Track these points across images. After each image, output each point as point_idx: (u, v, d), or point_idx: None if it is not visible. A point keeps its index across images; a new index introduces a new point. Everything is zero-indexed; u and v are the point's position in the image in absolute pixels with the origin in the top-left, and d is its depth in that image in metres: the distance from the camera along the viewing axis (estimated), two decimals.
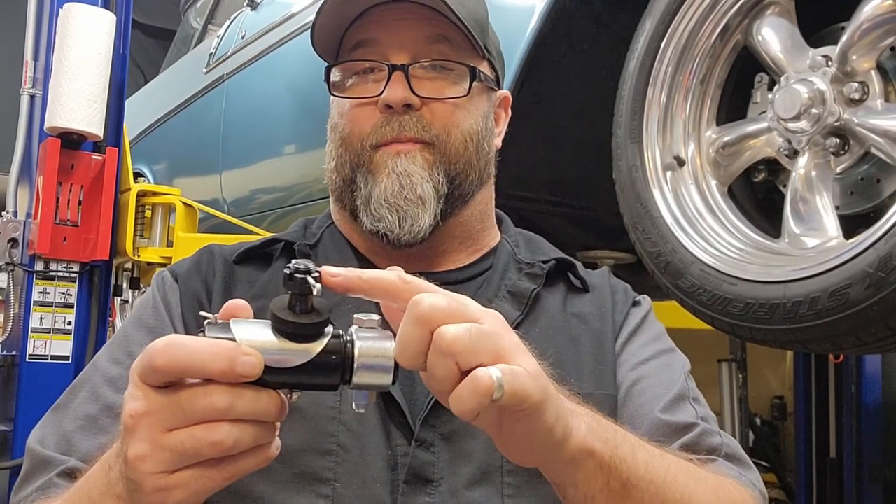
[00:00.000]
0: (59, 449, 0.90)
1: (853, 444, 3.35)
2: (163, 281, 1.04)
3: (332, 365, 0.62)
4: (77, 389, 0.96)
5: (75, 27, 2.35)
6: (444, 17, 0.99)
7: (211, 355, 0.59)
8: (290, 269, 0.61)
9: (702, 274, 1.48)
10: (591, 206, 2.33)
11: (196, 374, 0.59)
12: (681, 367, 1.04)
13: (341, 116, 1.04)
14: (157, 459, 0.60)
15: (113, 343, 1.00)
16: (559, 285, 1.07)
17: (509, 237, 1.12)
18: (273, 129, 3.02)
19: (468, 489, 0.90)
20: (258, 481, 0.87)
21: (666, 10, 1.62)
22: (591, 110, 2.01)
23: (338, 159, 1.04)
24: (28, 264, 2.41)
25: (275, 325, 0.61)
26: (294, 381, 0.62)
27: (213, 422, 0.59)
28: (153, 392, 0.60)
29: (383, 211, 0.98)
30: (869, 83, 1.38)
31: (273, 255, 1.06)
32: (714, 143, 1.62)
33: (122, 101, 2.62)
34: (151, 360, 0.60)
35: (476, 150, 1.03)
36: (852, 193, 1.44)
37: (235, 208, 3.22)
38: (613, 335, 1.04)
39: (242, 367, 0.58)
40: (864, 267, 1.22)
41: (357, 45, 1.03)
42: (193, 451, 0.59)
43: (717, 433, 0.97)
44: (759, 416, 4.06)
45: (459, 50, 1.02)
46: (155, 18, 5.98)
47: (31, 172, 2.51)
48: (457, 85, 1.02)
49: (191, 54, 4.06)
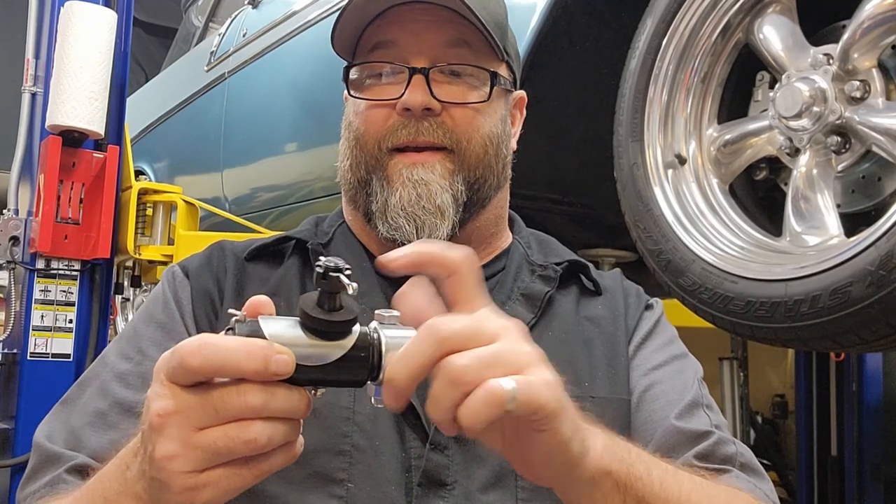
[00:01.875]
0: (67, 444, 0.89)
1: (854, 442, 3.35)
2: (173, 277, 1.02)
3: (360, 362, 0.61)
4: (85, 384, 0.95)
5: (76, 25, 2.35)
6: (465, 20, 0.98)
7: (245, 355, 0.58)
8: (322, 267, 0.60)
9: (703, 272, 1.48)
10: (592, 205, 2.33)
11: (230, 374, 0.58)
12: (693, 372, 1.03)
13: (356, 115, 1.02)
14: (187, 458, 0.59)
15: (122, 338, 0.99)
16: (572, 287, 1.06)
17: (521, 238, 1.11)
18: (274, 127, 3.02)
19: (482, 493, 0.89)
20: (272, 482, 0.84)
21: (667, 9, 1.62)
22: (592, 108, 2.01)
23: (352, 159, 1.02)
24: (29, 262, 2.41)
25: (305, 322, 0.61)
26: (323, 377, 0.61)
27: (246, 420, 0.59)
28: (182, 391, 0.60)
29: (401, 220, 0.97)
30: (870, 81, 1.38)
31: (285, 253, 1.05)
32: (715, 142, 1.62)
33: (124, 99, 2.62)
34: (183, 360, 0.59)
35: (495, 155, 1.02)
36: (853, 192, 1.44)
37: (237, 206, 3.22)
38: (626, 339, 1.03)
39: (276, 366, 0.58)
40: (865, 265, 1.22)
41: (376, 46, 1.01)
42: (227, 449, 0.59)
43: (731, 442, 0.95)
44: (761, 415, 4.07)
45: (479, 53, 1.01)
46: (156, 16, 5.99)
47: (32, 170, 2.52)
48: (477, 90, 1.01)
49: (192, 52, 4.06)
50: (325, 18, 2.72)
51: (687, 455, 0.91)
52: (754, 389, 3.79)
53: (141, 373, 0.93)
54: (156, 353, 0.91)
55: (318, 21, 2.76)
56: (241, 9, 3.51)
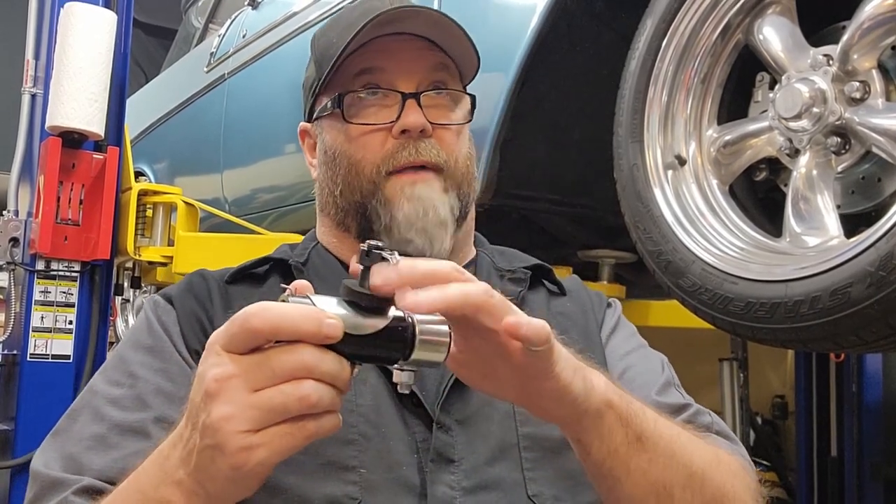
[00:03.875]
0: (67, 470, 0.89)
1: (854, 442, 3.35)
2: (155, 305, 1.05)
3: (399, 335, 0.67)
4: (76, 415, 0.96)
5: (76, 26, 2.35)
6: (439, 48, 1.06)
7: (302, 317, 0.64)
8: (367, 246, 0.67)
9: (703, 273, 1.48)
10: (591, 205, 2.32)
11: (287, 333, 0.64)
12: (659, 358, 1.13)
13: (349, 142, 1.06)
14: (244, 418, 0.63)
15: (107, 368, 1.00)
16: (540, 289, 1.14)
17: (485, 251, 1.18)
18: (274, 128, 3.02)
19: (489, 465, 0.95)
20: (287, 473, 0.89)
21: (667, 10, 1.62)
22: (591, 109, 2.01)
23: (344, 186, 1.07)
24: (29, 263, 2.41)
25: (348, 298, 0.67)
26: (363, 349, 0.67)
27: (299, 379, 0.64)
28: (236, 358, 0.65)
29: (411, 234, 1.02)
30: (870, 82, 1.38)
31: (263, 274, 1.09)
32: (715, 142, 1.62)
33: (123, 100, 2.62)
34: (246, 321, 0.64)
35: (471, 172, 1.10)
36: (853, 192, 1.44)
37: (236, 207, 3.22)
38: (598, 329, 1.12)
39: (328, 329, 0.64)
40: (865, 266, 1.21)
41: (362, 72, 1.06)
42: (282, 406, 0.64)
43: (707, 413, 1.05)
44: (760, 415, 4.06)
45: (455, 77, 1.09)
46: (156, 17, 5.98)
47: (32, 172, 2.52)
48: (459, 111, 1.09)
49: (192, 53, 4.06)
50: (325, 20, 2.72)
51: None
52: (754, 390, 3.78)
53: (135, 395, 0.94)
54: (148, 375, 0.95)
55: (317, 22, 2.76)
56: (241, 10, 3.51)
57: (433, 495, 0.92)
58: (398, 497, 0.92)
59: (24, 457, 2.32)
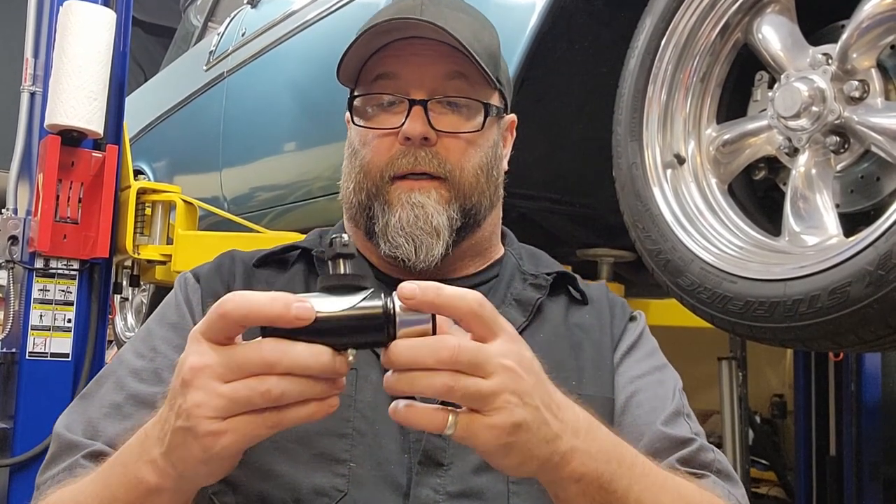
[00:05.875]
0: (85, 434, 0.96)
1: (853, 442, 3.34)
2: (185, 282, 1.10)
3: (375, 315, 0.69)
4: (102, 380, 1.03)
5: (75, 24, 2.35)
6: (461, 53, 1.04)
7: (270, 300, 0.67)
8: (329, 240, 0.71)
9: (702, 272, 1.48)
10: (591, 204, 2.33)
11: (257, 317, 0.67)
12: (673, 383, 1.10)
13: (364, 145, 1.08)
14: (212, 406, 0.68)
15: (137, 339, 1.07)
16: (561, 297, 1.13)
17: (513, 250, 1.18)
18: (273, 127, 3.02)
19: (475, 474, 0.96)
20: (280, 461, 0.94)
21: (666, 8, 1.62)
22: (591, 108, 2.01)
23: (356, 184, 1.09)
24: (28, 262, 2.41)
25: (322, 285, 0.71)
26: (344, 335, 0.69)
27: (264, 374, 0.67)
28: (213, 349, 0.69)
29: (400, 239, 1.04)
30: (869, 81, 1.38)
31: (290, 261, 1.12)
32: (714, 141, 1.62)
33: (123, 98, 2.62)
34: (220, 307, 0.68)
35: (487, 180, 1.09)
36: (852, 191, 1.44)
37: (235, 206, 3.22)
38: (612, 346, 1.10)
39: (297, 310, 0.66)
40: (864, 265, 1.22)
41: (378, 77, 1.07)
42: (246, 399, 0.67)
43: (710, 449, 1.03)
44: (759, 414, 4.06)
45: (475, 84, 1.07)
46: (155, 16, 5.98)
47: (31, 170, 2.52)
48: (471, 120, 1.07)
49: (191, 52, 4.06)
50: (323, 18, 2.72)
51: (670, 459, 0.98)
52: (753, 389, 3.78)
53: (154, 368, 1.01)
54: (168, 350, 1.02)
55: (316, 20, 2.76)
56: (240, 8, 3.51)
57: (416, 496, 0.94)
58: (383, 494, 0.94)
59: (23, 455, 2.32)
